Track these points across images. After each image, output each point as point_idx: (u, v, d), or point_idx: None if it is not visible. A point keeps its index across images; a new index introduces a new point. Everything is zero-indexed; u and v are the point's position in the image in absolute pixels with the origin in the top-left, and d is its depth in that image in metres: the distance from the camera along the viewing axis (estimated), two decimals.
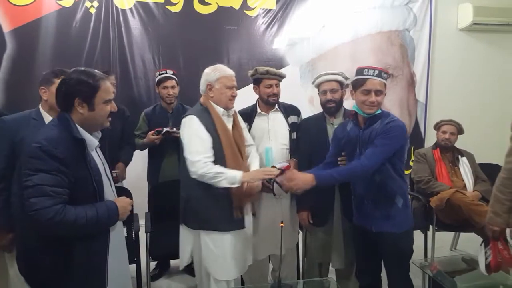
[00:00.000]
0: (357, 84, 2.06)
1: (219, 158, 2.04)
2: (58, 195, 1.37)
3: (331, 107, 2.41)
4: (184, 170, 2.07)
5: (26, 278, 1.52)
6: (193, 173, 2.01)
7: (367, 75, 2.03)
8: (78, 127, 1.49)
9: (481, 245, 2.16)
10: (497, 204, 1.98)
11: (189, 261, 2.26)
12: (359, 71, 2.08)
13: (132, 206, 2.62)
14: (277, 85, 2.46)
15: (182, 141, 2.09)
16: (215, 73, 2.14)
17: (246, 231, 2.19)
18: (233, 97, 2.16)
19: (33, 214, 1.35)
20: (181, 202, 2.16)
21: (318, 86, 2.46)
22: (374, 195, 2.06)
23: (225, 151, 2.06)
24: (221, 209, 2.06)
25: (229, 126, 2.16)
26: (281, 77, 2.49)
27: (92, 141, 1.55)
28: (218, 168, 1.99)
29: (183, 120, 2.12)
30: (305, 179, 1.96)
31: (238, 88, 3.89)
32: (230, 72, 2.18)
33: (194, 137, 2.03)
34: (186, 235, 2.21)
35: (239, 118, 2.32)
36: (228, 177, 1.98)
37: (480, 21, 4.40)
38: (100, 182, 1.52)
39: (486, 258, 2.13)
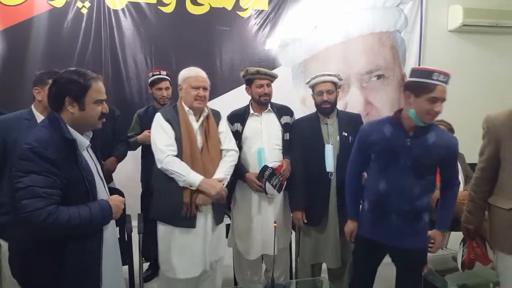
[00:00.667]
0: (421, 89, 1.77)
1: (178, 155, 2.12)
2: (50, 196, 1.37)
3: (327, 107, 2.43)
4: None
5: (19, 280, 1.51)
6: (158, 161, 2.11)
7: (437, 80, 1.74)
8: (69, 127, 1.49)
9: (460, 243, 2.22)
10: (471, 203, 2.04)
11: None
12: (426, 74, 1.77)
13: (125, 206, 2.64)
14: (269, 85, 2.48)
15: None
16: (184, 73, 2.24)
17: (198, 231, 2.17)
18: (199, 97, 2.19)
19: (26, 216, 1.34)
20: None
21: (313, 86, 2.48)
22: (407, 210, 1.88)
23: (184, 148, 2.12)
24: (173, 203, 2.13)
25: (196, 125, 2.20)
26: (272, 77, 2.51)
27: (83, 141, 1.55)
28: (182, 169, 2.08)
29: (154, 118, 2.24)
30: (440, 237, 1.98)
31: (230, 89, 4.02)
32: (198, 73, 2.24)
33: (159, 129, 2.16)
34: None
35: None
36: (188, 181, 2.08)
37: (470, 22, 4.48)
38: (93, 182, 1.52)
39: (462, 256, 2.19)
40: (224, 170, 2.20)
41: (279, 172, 2.35)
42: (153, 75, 3.03)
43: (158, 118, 2.21)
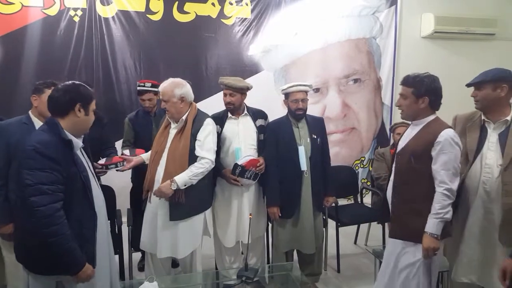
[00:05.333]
0: None
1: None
2: (54, 193, 1.61)
3: (300, 114, 2.71)
4: None
5: (23, 263, 1.74)
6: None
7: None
8: (65, 131, 1.73)
9: None
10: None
11: None
12: None
13: (116, 202, 2.88)
14: (231, 95, 2.67)
15: None
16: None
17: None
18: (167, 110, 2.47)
19: (34, 211, 1.57)
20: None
21: (288, 94, 2.72)
22: None
23: (151, 153, 2.53)
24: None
25: (173, 133, 2.48)
26: (232, 88, 2.66)
27: (77, 142, 1.78)
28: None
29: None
30: None
31: (215, 92, 4.24)
32: (163, 84, 2.50)
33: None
34: None
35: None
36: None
37: (441, 29, 4.75)
38: (87, 177, 1.76)
39: None
40: (182, 175, 2.37)
41: (249, 167, 2.60)
42: (138, 85, 3.16)
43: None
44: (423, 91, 1.97)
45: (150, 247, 2.52)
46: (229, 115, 2.74)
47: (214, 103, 4.06)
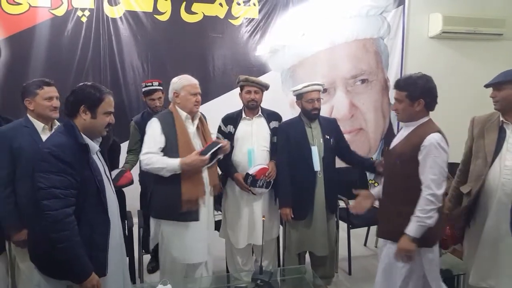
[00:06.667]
0: None
1: (175, 155, 2.29)
2: (66, 198, 1.59)
3: (316, 113, 2.69)
4: None
5: (36, 265, 1.72)
6: (142, 166, 2.32)
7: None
8: (82, 134, 1.70)
9: None
10: (451, 191, 2.35)
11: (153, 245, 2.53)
12: None
13: (126, 204, 2.85)
14: (256, 92, 2.69)
15: None
16: (180, 81, 2.40)
17: (200, 223, 2.38)
18: (198, 102, 2.39)
19: (44, 214, 1.56)
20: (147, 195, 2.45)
21: (302, 94, 2.68)
22: None
23: (180, 149, 2.30)
24: (175, 201, 2.29)
25: (193, 128, 2.40)
26: (259, 85, 2.71)
27: (94, 146, 1.76)
28: (160, 162, 2.26)
29: (148, 122, 2.40)
30: None
31: (223, 93, 4.23)
32: (194, 80, 2.43)
33: (149, 137, 2.34)
34: (154, 224, 2.45)
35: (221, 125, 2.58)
36: (168, 168, 2.25)
37: (449, 29, 4.72)
38: (102, 181, 1.73)
39: None
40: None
41: (260, 176, 2.58)
42: (146, 86, 3.14)
43: (154, 125, 2.35)
44: (418, 94, 1.93)
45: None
46: (243, 115, 2.73)
47: (220, 104, 4.08)
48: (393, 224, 1.97)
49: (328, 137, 2.71)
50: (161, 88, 3.13)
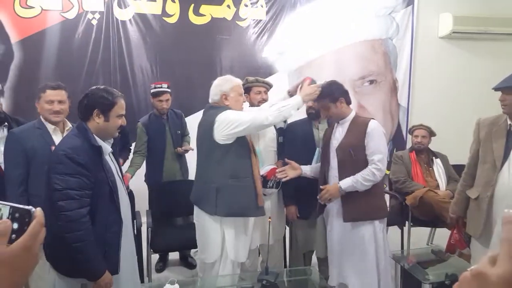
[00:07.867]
0: None
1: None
2: (82, 198, 1.63)
3: (311, 113, 2.72)
4: (215, 165, 2.26)
5: (51, 263, 1.78)
6: (266, 119, 2.22)
7: None
8: (95, 136, 1.75)
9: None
10: (457, 195, 2.32)
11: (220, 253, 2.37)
12: None
13: (135, 203, 2.89)
14: (266, 92, 2.75)
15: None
16: (229, 83, 2.35)
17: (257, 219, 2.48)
18: (243, 102, 2.42)
19: (60, 215, 1.60)
20: (212, 193, 2.26)
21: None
22: None
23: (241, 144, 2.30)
24: (248, 197, 2.27)
25: None
26: (268, 84, 2.78)
27: (106, 147, 1.81)
28: (280, 105, 2.27)
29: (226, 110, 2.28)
30: None
31: None
32: (240, 80, 2.43)
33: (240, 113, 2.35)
34: (214, 226, 2.32)
35: None
36: (292, 104, 2.27)
37: (459, 29, 4.67)
38: (114, 182, 1.78)
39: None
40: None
41: (270, 177, 2.59)
42: (155, 87, 3.17)
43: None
44: (337, 95, 2.34)
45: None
46: None
47: None
48: (357, 205, 2.27)
49: None
50: (169, 90, 3.18)
